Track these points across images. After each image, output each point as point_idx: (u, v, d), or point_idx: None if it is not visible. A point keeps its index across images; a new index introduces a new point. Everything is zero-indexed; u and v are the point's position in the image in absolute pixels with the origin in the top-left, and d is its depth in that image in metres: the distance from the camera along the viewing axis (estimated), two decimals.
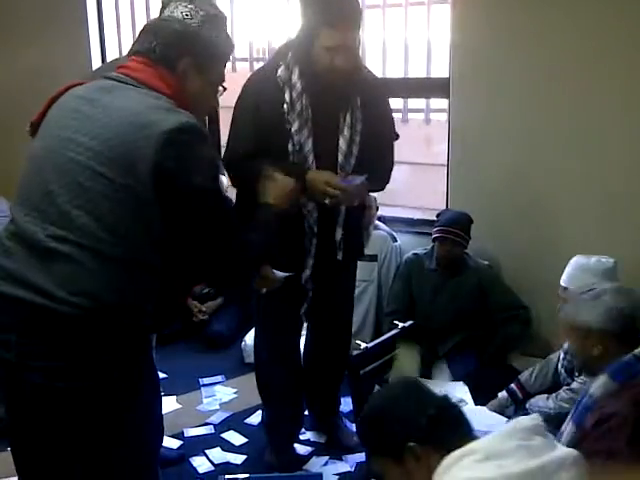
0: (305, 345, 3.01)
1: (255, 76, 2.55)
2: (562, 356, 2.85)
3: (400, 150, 2.71)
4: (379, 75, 3.18)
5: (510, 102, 3.50)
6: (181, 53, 1.71)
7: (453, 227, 3.36)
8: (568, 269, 2.88)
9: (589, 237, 3.32)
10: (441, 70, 3.89)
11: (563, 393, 2.70)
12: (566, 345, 2.89)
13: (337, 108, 2.46)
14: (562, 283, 2.87)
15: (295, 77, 2.39)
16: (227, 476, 2.25)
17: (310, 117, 2.41)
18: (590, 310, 1.98)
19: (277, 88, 2.40)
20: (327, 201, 2.36)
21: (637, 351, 1.90)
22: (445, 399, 1.54)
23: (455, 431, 1.44)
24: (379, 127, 2.55)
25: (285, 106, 2.39)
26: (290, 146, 2.41)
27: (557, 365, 2.89)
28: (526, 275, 3.56)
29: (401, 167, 4.31)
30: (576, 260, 2.88)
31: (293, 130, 2.39)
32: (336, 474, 2.80)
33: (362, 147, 2.51)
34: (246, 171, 2.34)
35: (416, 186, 4.30)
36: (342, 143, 2.46)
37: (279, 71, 2.41)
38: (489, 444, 1.34)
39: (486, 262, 3.54)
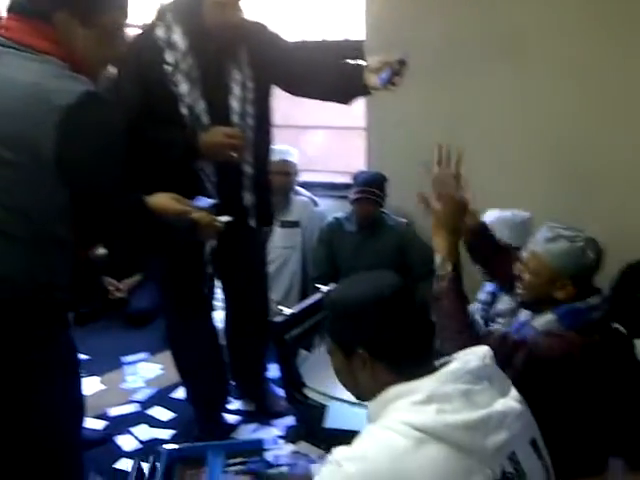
0: (224, 317, 2.96)
1: (133, 40, 2.40)
2: (479, 307, 2.90)
3: (317, 114, 2.68)
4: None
5: (426, 63, 3.51)
6: (55, 4, 1.57)
7: (369, 187, 3.40)
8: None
9: (504, 191, 3.36)
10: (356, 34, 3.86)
11: None
12: (482, 295, 2.95)
13: (226, 66, 2.38)
14: None
15: (177, 36, 2.29)
16: (165, 446, 2.19)
17: (199, 77, 2.32)
18: (566, 254, 1.94)
19: (157, 50, 2.30)
20: (233, 154, 2.32)
21: (592, 301, 1.92)
22: (419, 322, 1.40)
23: (412, 356, 1.35)
24: (280, 67, 2.46)
25: (168, 68, 2.29)
26: (183, 109, 2.32)
27: (473, 316, 2.93)
28: None
29: (319, 131, 4.30)
30: (491, 214, 2.89)
31: (182, 92, 2.30)
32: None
33: (260, 104, 2.45)
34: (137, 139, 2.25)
35: (335, 150, 4.27)
36: (234, 103, 2.39)
37: (157, 32, 2.31)
38: (432, 385, 1.27)
39: (404, 220, 3.57)
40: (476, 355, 1.37)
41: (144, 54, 2.30)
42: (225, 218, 2.16)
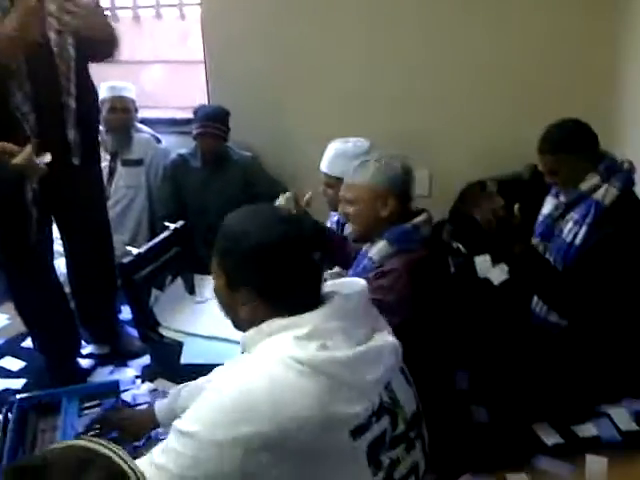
0: (66, 267, 2.89)
1: None
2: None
3: (155, 48, 2.62)
4: None
5: None
6: None
7: (211, 121, 3.39)
8: (327, 155, 2.91)
9: (346, 120, 3.46)
10: None
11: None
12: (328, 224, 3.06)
13: None
14: (323, 169, 2.89)
15: None
16: (18, 395, 2.14)
17: None
18: (376, 171, 2.07)
19: None
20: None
21: (415, 221, 2.07)
22: (309, 266, 1.38)
23: (299, 297, 1.34)
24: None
25: None
26: None
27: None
28: (287, 163, 3.68)
29: (157, 66, 4.18)
30: (333, 145, 2.92)
31: None
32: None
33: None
34: None
35: (175, 85, 4.17)
36: (52, 34, 2.32)
37: None
38: (314, 321, 1.29)
39: (249, 154, 3.60)
40: (355, 291, 1.40)
41: None
42: (46, 158, 2.08)
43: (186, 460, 1.20)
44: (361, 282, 1.46)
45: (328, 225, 3.05)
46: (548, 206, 2.60)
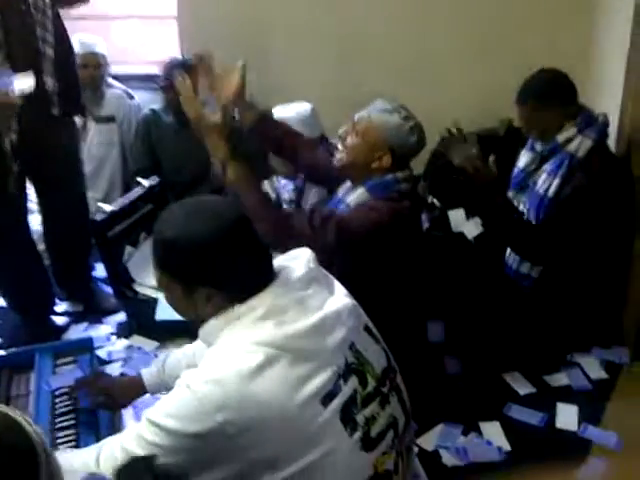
0: (42, 221, 2.85)
1: None
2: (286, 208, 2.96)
3: (125, 3, 2.56)
4: None
5: None
6: None
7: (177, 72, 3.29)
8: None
9: (325, 70, 3.44)
10: None
11: None
12: (286, 195, 3.01)
13: None
14: None
15: None
16: None
17: None
18: (396, 127, 2.02)
19: None
20: None
21: (400, 175, 2.04)
22: (259, 250, 1.37)
23: (252, 282, 1.32)
24: None
25: None
26: None
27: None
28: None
29: (129, 21, 4.09)
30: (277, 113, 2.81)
31: None
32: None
33: None
34: None
35: (147, 40, 4.09)
36: None
37: None
38: (267, 300, 1.29)
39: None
40: (300, 261, 1.40)
41: None
42: (23, 85, 2.00)
43: (158, 449, 1.23)
44: (307, 251, 1.46)
45: (286, 196, 3.02)
46: (523, 159, 2.60)
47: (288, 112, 2.85)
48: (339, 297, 1.41)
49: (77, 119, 2.85)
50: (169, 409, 1.25)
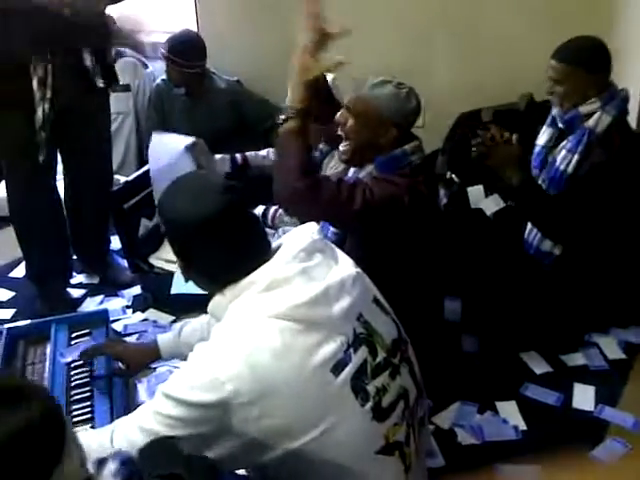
0: (65, 189, 2.84)
1: None
2: None
3: None
4: None
5: None
6: None
7: (171, 54, 3.20)
8: None
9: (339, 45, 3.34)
10: None
11: None
12: None
13: None
14: None
15: None
16: (7, 325, 2.13)
17: None
18: (392, 98, 1.98)
19: None
20: None
21: (407, 147, 2.00)
22: (254, 228, 1.42)
23: (249, 257, 1.35)
24: None
25: None
26: None
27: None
28: (275, 87, 3.57)
29: None
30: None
31: None
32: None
33: None
34: None
35: (162, 9, 4.04)
36: None
37: None
38: (270, 271, 1.31)
39: (234, 78, 3.48)
40: (304, 233, 1.41)
41: None
42: None
43: (174, 421, 1.25)
44: (311, 224, 1.48)
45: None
46: (544, 136, 2.54)
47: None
48: (343, 266, 1.42)
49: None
50: (184, 381, 1.27)
